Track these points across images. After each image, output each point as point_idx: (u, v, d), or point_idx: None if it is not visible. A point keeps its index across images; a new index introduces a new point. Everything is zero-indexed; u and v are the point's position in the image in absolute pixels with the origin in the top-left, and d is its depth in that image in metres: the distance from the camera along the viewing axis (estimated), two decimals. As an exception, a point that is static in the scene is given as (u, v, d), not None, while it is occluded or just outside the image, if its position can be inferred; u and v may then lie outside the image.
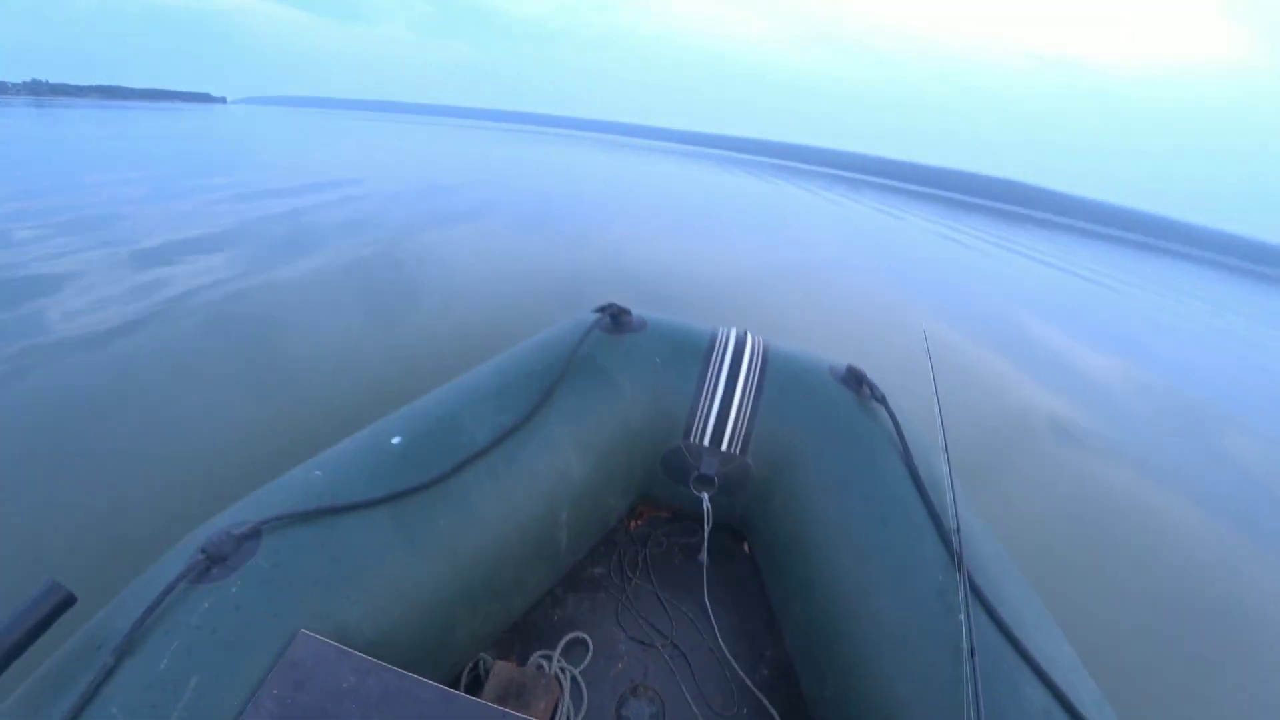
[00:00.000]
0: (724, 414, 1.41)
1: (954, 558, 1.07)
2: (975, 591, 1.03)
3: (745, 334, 1.55)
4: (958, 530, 1.11)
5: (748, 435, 1.40)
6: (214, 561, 0.87)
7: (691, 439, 1.41)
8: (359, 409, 2.27)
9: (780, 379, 1.45)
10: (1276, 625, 2.47)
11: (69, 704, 0.72)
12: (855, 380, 1.44)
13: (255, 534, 0.93)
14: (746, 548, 1.58)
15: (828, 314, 4.31)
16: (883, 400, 1.40)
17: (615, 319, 1.52)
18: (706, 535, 1.41)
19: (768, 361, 1.48)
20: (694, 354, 1.48)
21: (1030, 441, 3.42)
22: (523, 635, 1.34)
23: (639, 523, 1.65)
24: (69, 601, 0.79)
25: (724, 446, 1.40)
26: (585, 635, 1.34)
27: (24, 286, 4.06)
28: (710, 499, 1.40)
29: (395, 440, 1.16)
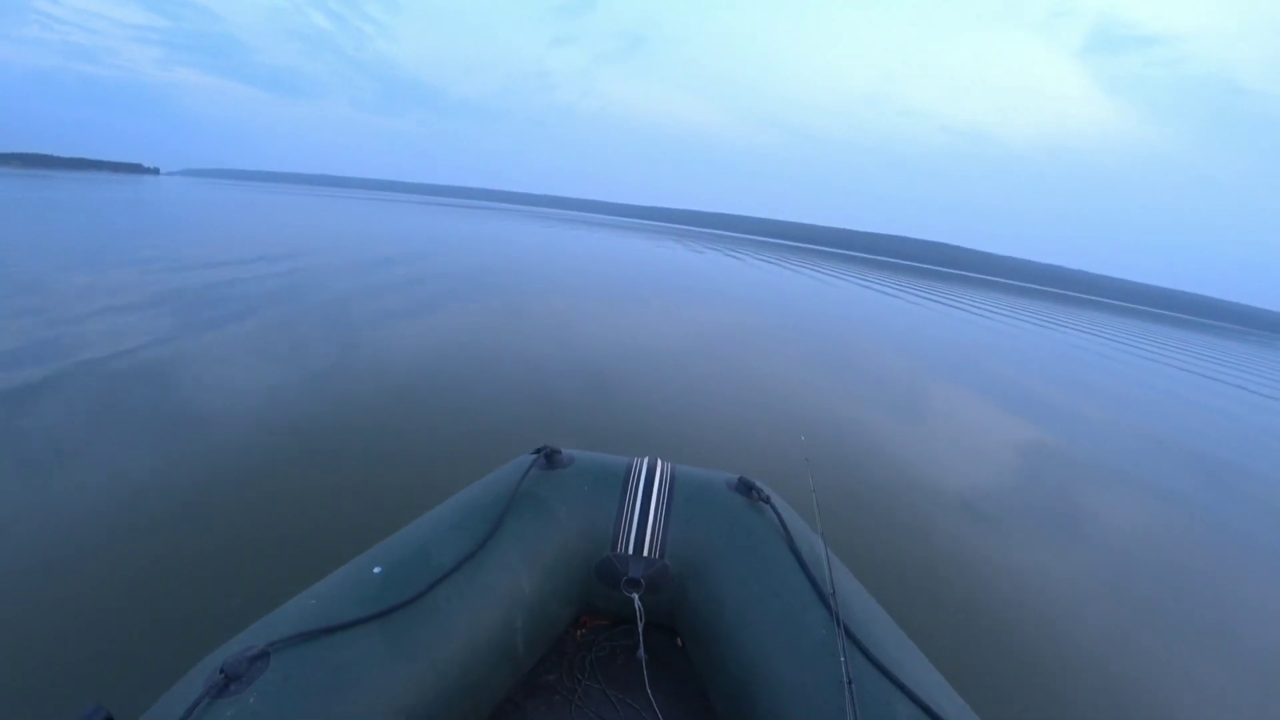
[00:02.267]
0: (643, 526, 1.71)
1: (833, 616, 1.36)
2: (850, 637, 1.32)
3: (656, 461, 1.89)
4: (833, 593, 1.41)
5: (664, 541, 1.70)
6: (231, 680, 1.05)
7: (618, 550, 1.70)
8: (326, 539, 2.79)
9: (686, 493, 1.78)
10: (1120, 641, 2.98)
11: None
12: (746, 487, 1.79)
13: (265, 654, 1.12)
14: (679, 641, 1.82)
15: (726, 428, 4.88)
16: (768, 500, 1.75)
17: (549, 458, 1.85)
18: (640, 631, 1.64)
19: (675, 480, 1.82)
20: (614, 481, 1.80)
21: (912, 502, 4.11)
22: None
23: (583, 631, 1.89)
24: None
25: (645, 553, 1.69)
26: None
27: None
28: (640, 599, 1.67)
29: (376, 569, 1.40)
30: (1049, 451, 5.83)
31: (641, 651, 1.63)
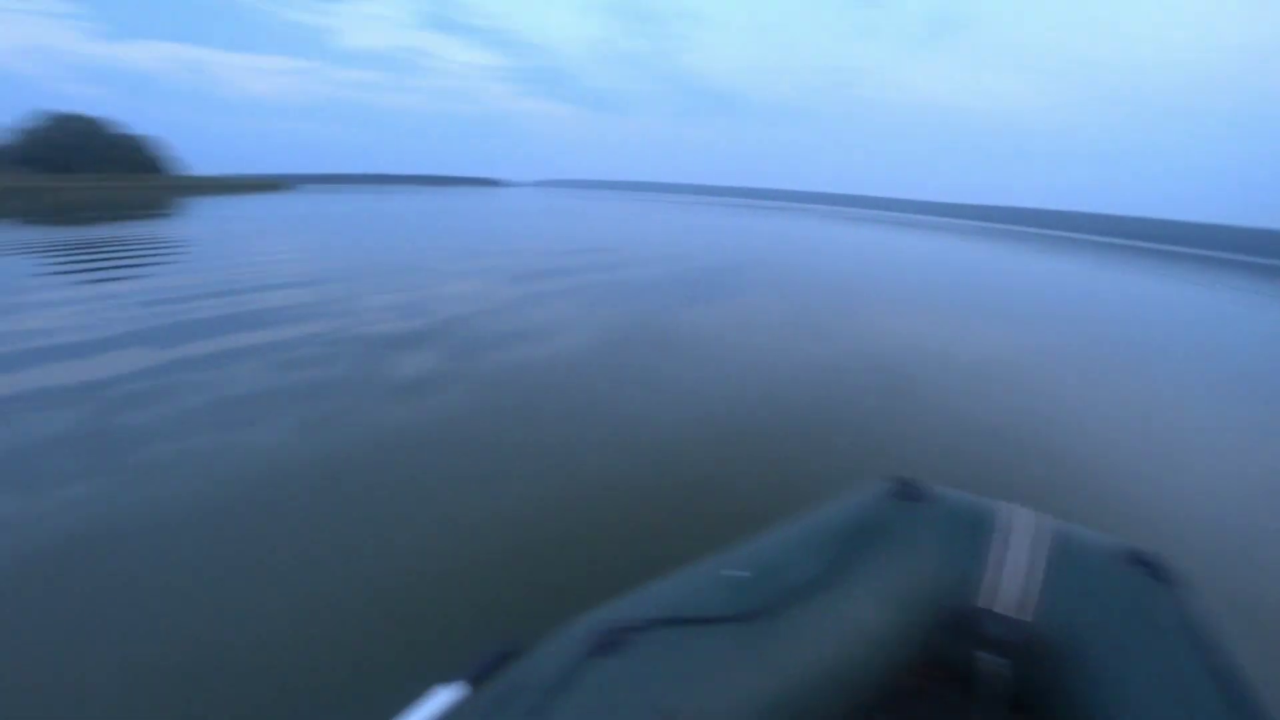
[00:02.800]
0: (1011, 584, 1.49)
1: None
2: None
3: (1028, 510, 1.67)
4: None
5: (1033, 605, 1.47)
6: (607, 644, 1.15)
7: (979, 603, 1.50)
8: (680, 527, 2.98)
9: (1066, 553, 1.53)
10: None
11: None
12: (1147, 563, 1.49)
13: (635, 629, 1.20)
14: None
15: (1113, 480, 3.88)
16: (1179, 586, 1.44)
17: (907, 489, 1.72)
18: (987, 697, 1.50)
19: (1053, 536, 1.57)
20: (979, 525, 1.62)
21: None
22: None
23: (921, 682, 1.78)
24: (516, 652, 1.16)
25: (1009, 613, 1.47)
26: None
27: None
28: (993, 663, 1.48)
29: (736, 573, 1.42)
30: None
31: None
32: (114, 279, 8.34)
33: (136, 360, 4.81)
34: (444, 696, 1.06)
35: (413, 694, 1.06)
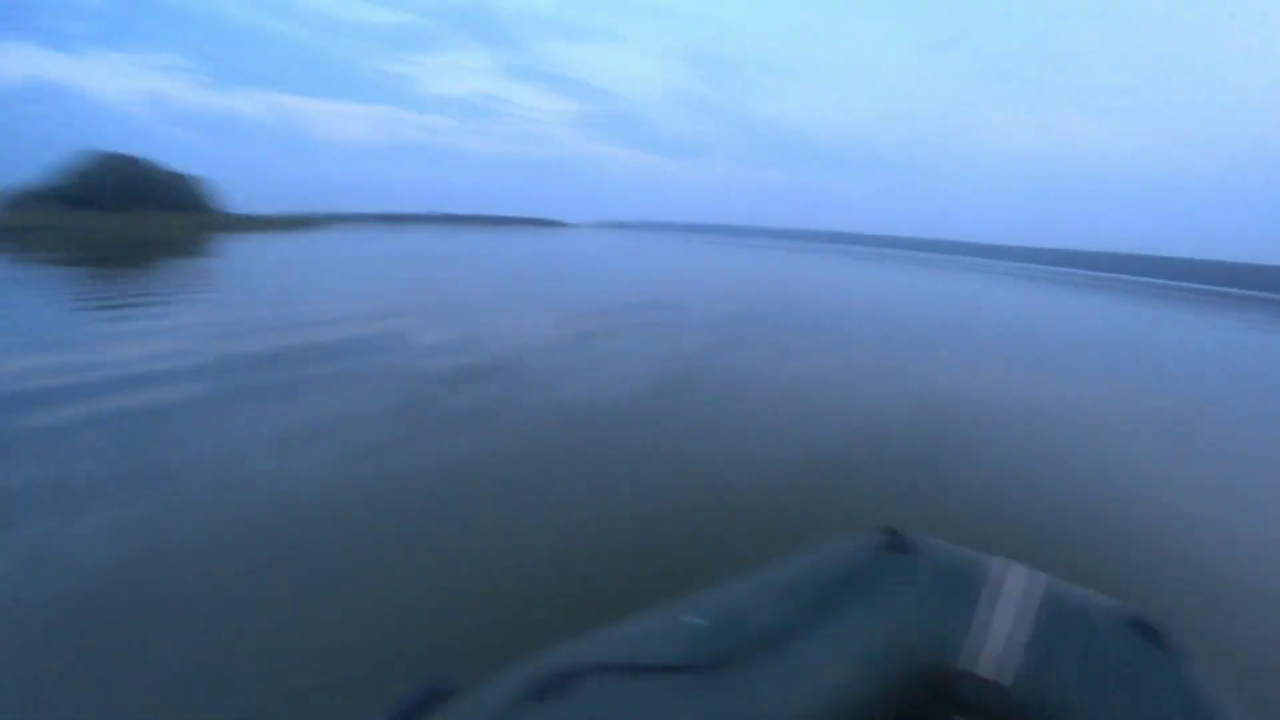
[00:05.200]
0: (995, 645, 1.42)
1: None
2: None
3: (1022, 568, 1.68)
4: None
5: (1021, 670, 1.39)
6: (547, 689, 1.10)
7: (958, 664, 1.43)
8: (645, 574, 2.87)
9: (1060, 615, 1.47)
10: None
11: None
12: (1145, 628, 1.44)
13: (581, 674, 1.15)
14: None
15: (1113, 539, 3.77)
16: (1177, 653, 1.39)
17: (894, 540, 1.67)
18: None
19: (1047, 598, 1.51)
20: (969, 582, 1.55)
21: None
22: None
23: None
24: (449, 693, 1.07)
25: (992, 677, 1.40)
26: None
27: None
28: None
29: (696, 620, 1.35)
30: None
31: None
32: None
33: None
34: None
35: None
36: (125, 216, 37.67)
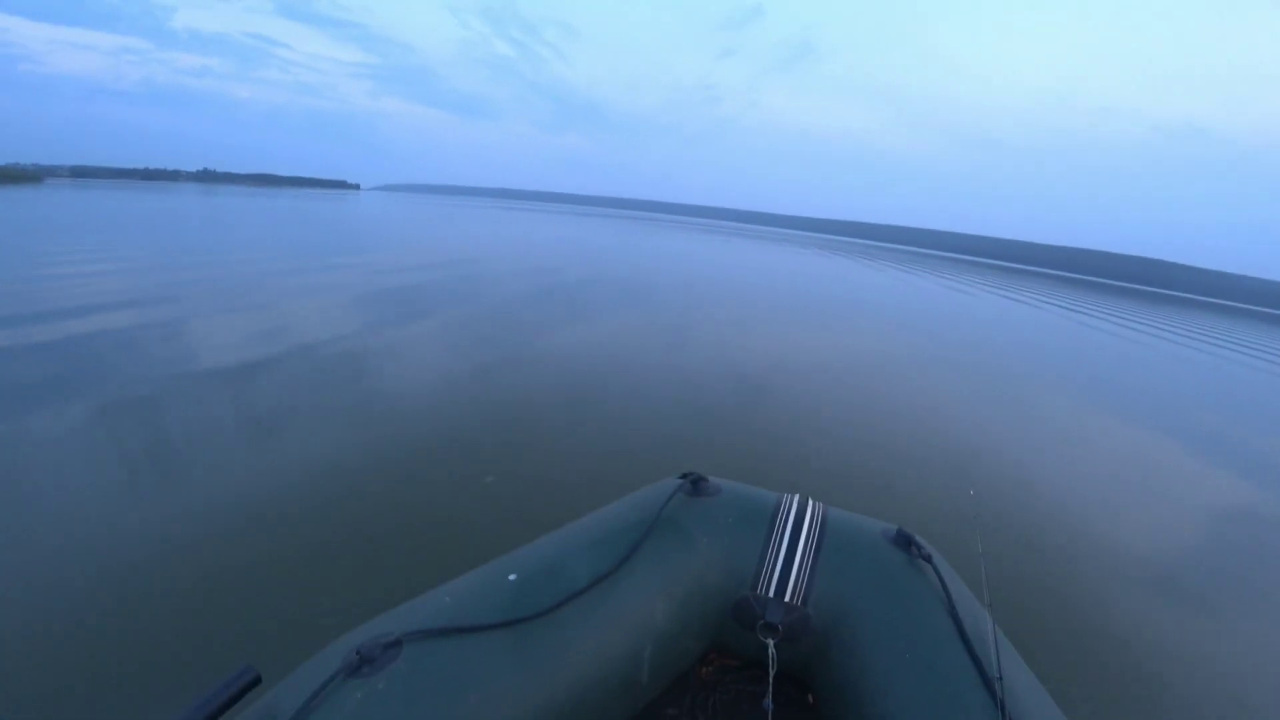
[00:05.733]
0: (787, 569, 1.63)
1: (997, 704, 1.23)
2: None
3: (807, 500, 1.82)
4: (999, 679, 1.27)
5: (808, 589, 1.61)
6: (365, 661, 1.11)
7: (758, 590, 1.63)
8: (474, 530, 2.94)
9: (837, 539, 1.69)
10: None
11: None
12: (905, 541, 1.68)
13: (399, 643, 1.17)
14: (811, 699, 1.73)
15: (883, 470, 4.41)
16: (929, 559, 1.62)
17: (695, 485, 1.84)
18: (771, 679, 1.56)
19: (826, 524, 1.73)
20: (761, 517, 1.74)
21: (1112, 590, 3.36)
22: None
23: (709, 670, 1.86)
24: (256, 682, 1.03)
25: (787, 598, 1.61)
26: None
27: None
28: (775, 646, 1.59)
29: (512, 577, 1.42)
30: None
31: (769, 701, 1.54)
32: None
33: None
34: None
35: None
36: None
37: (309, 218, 25.35)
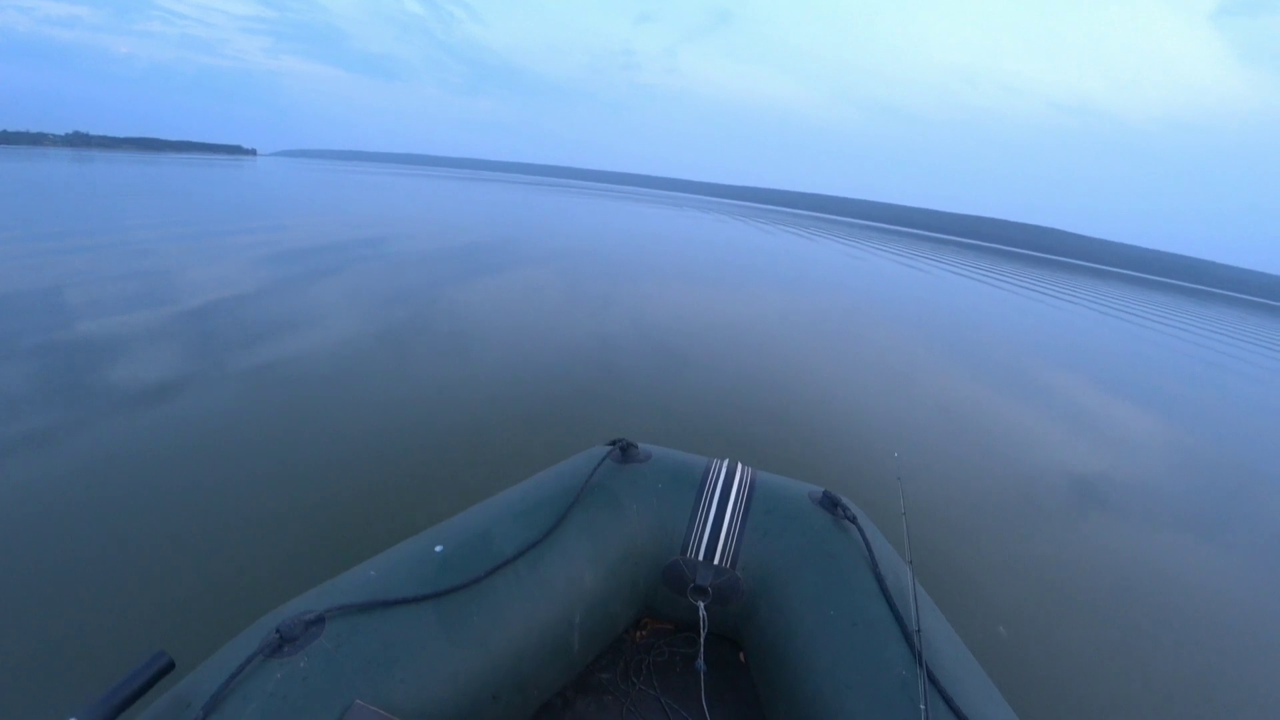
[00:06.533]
0: (715, 533, 1.65)
1: (916, 655, 1.26)
2: (933, 681, 1.23)
3: (736, 465, 1.84)
4: (918, 631, 1.31)
5: (737, 552, 1.64)
6: (285, 640, 1.09)
7: (688, 554, 1.65)
8: (398, 507, 2.87)
9: (765, 502, 1.72)
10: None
11: None
12: (830, 503, 1.71)
13: (320, 620, 1.15)
14: (742, 657, 1.76)
15: (810, 433, 4.52)
16: (854, 520, 1.66)
17: (624, 451, 1.83)
18: (703, 640, 1.61)
19: (755, 488, 1.76)
20: (690, 482, 1.76)
21: (1023, 523, 3.72)
22: None
23: (643, 634, 1.87)
24: (170, 668, 1.02)
25: (716, 561, 1.64)
26: None
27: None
28: (705, 608, 1.62)
29: (438, 548, 1.41)
30: (1184, 483, 4.88)
31: (701, 663, 1.58)
32: None
33: None
34: None
35: None
36: None
37: (184, 191, 22.84)
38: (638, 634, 1.87)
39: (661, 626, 1.91)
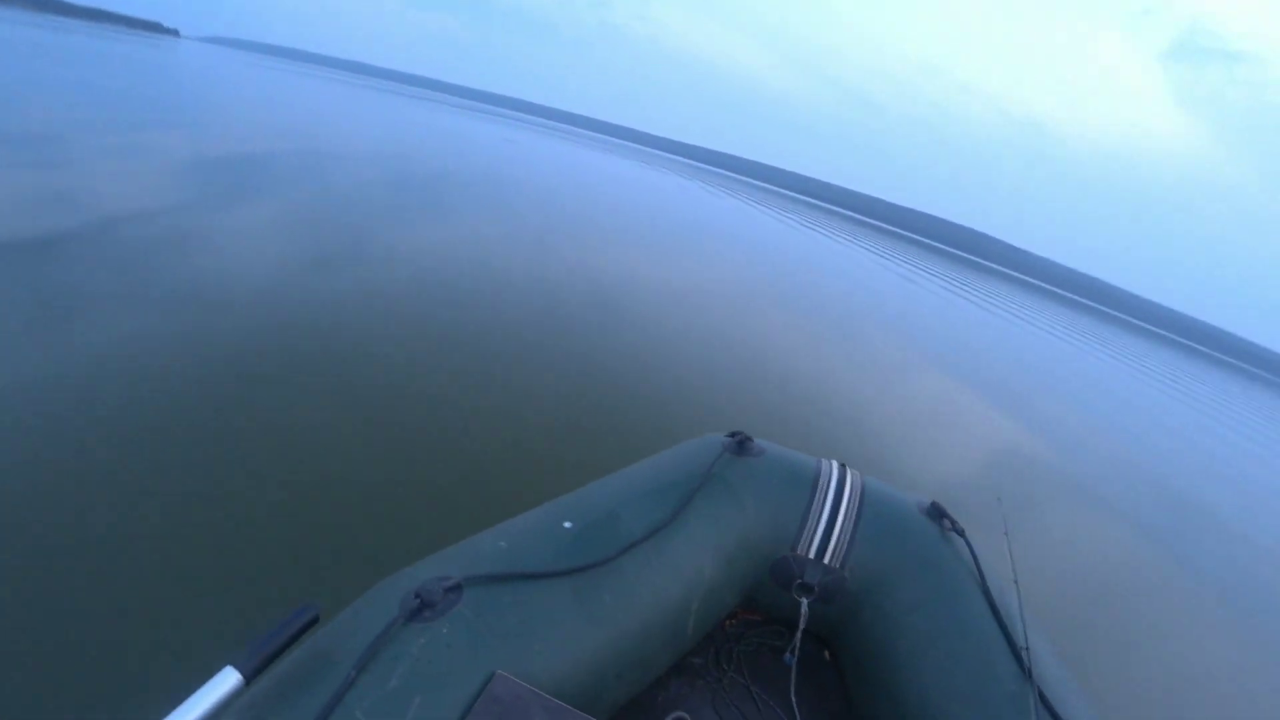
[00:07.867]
0: (828, 533, 1.66)
1: (1025, 671, 1.27)
2: (1044, 702, 1.21)
3: (845, 468, 1.86)
4: (1027, 648, 1.32)
5: (847, 553, 1.65)
6: (426, 605, 1.08)
7: (797, 551, 1.68)
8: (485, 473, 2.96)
9: (876, 507, 1.73)
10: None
11: (320, 703, 0.91)
12: (938, 514, 1.74)
13: (458, 587, 1.14)
14: (827, 655, 1.79)
15: (913, 443, 4.66)
16: (961, 533, 1.69)
17: (741, 444, 1.84)
18: (799, 636, 1.64)
19: (865, 492, 1.77)
20: (804, 481, 1.77)
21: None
22: (636, 706, 1.51)
23: (733, 622, 1.87)
24: (315, 622, 1.00)
25: (826, 560, 1.66)
26: (686, 715, 1.52)
27: None
28: (808, 605, 1.65)
29: (567, 524, 1.42)
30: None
31: (790, 656, 1.65)
32: None
33: None
34: (231, 678, 0.88)
35: (202, 671, 0.87)
36: None
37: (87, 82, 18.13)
38: (728, 622, 1.88)
39: (750, 617, 1.92)
